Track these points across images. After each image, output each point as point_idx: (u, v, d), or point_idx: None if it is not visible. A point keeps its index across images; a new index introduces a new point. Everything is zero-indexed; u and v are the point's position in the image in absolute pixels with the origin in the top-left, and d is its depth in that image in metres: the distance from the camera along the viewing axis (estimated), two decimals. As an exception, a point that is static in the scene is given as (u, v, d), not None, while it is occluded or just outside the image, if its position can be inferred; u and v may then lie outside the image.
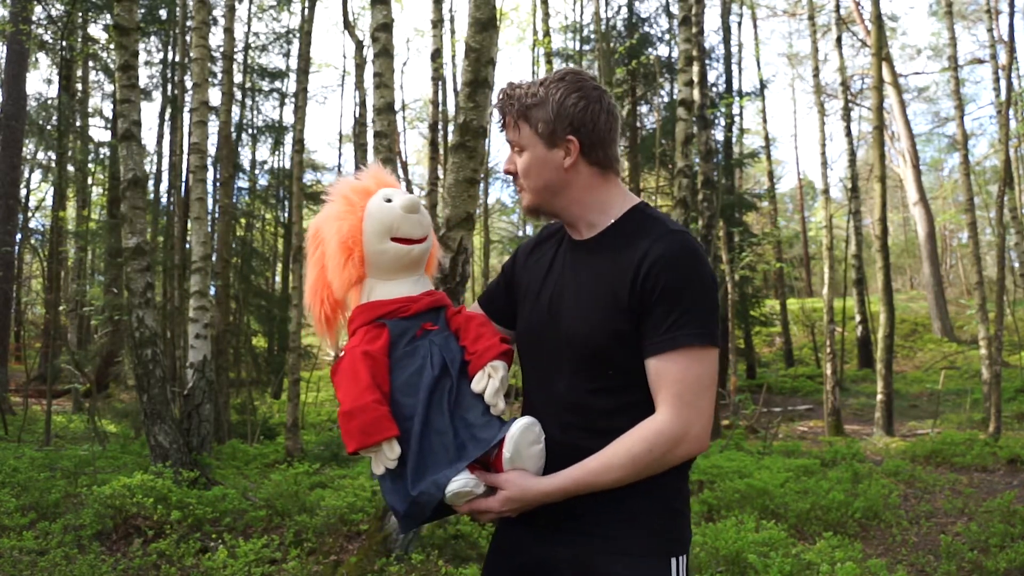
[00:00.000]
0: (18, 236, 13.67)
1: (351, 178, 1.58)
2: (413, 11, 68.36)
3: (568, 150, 1.48)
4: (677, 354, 1.37)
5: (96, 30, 16.35)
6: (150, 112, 35.58)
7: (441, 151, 13.64)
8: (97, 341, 15.37)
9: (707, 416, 1.39)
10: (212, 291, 8.21)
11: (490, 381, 1.44)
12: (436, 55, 11.62)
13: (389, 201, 1.50)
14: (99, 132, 19.72)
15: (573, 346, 1.46)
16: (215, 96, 14.03)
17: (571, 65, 16.20)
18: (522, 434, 1.39)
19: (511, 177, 1.56)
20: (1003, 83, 12.34)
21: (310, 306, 1.56)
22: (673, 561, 1.43)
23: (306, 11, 12.09)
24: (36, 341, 18.86)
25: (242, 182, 17.27)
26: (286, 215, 18.37)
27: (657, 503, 1.44)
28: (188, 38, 12.37)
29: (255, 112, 19.24)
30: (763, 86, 20.14)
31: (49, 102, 17.45)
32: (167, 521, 4.49)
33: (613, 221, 1.52)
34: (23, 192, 17.06)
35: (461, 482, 1.36)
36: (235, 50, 13.06)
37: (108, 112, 19.21)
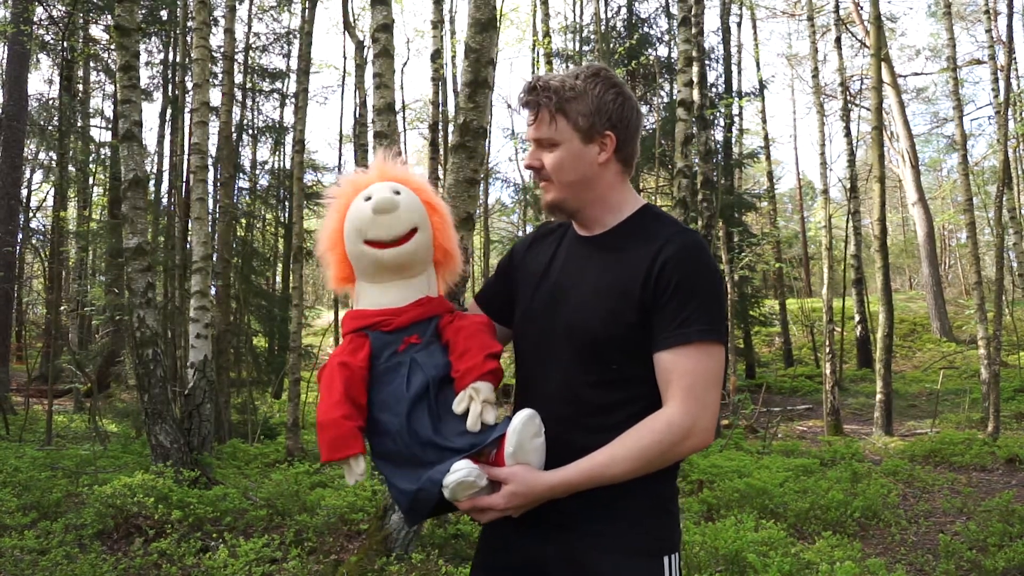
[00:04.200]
0: (19, 236, 13.67)
1: (353, 174, 1.55)
2: (413, 11, 68.38)
3: (604, 145, 1.49)
4: (688, 348, 1.39)
5: (97, 31, 16.38)
6: (151, 112, 35.61)
7: (441, 151, 13.65)
8: (98, 341, 15.38)
9: (714, 411, 1.41)
10: (213, 291, 8.22)
11: (472, 404, 1.40)
12: (436, 56, 11.63)
13: (368, 200, 1.45)
14: (100, 132, 19.74)
15: (577, 337, 1.46)
16: (216, 96, 14.06)
17: (571, 66, 16.23)
18: (524, 426, 1.37)
19: (535, 172, 1.54)
20: (1002, 84, 12.35)
21: (321, 256, 1.57)
22: (666, 559, 1.43)
23: (306, 11, 12.10)
24: (37, 341, 18.88)
25: (243, 182, 17.26)
26: (287, 215, 18.36)
27: (648, 502, 1.45)
28: (189, 39, 12.39)
29: (256, 112, 19.26)
30: (762, 87, 20.14)
31: (50, 102, 17.46)
32: (168, 520, 4.51)
33: (623, 219, 1.54)
34: (24, 192, 17.08)
35: (463, 472, 1.32)
36: (236, 51, 13.07)
37: (109, 112, 19.24)
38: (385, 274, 1.47)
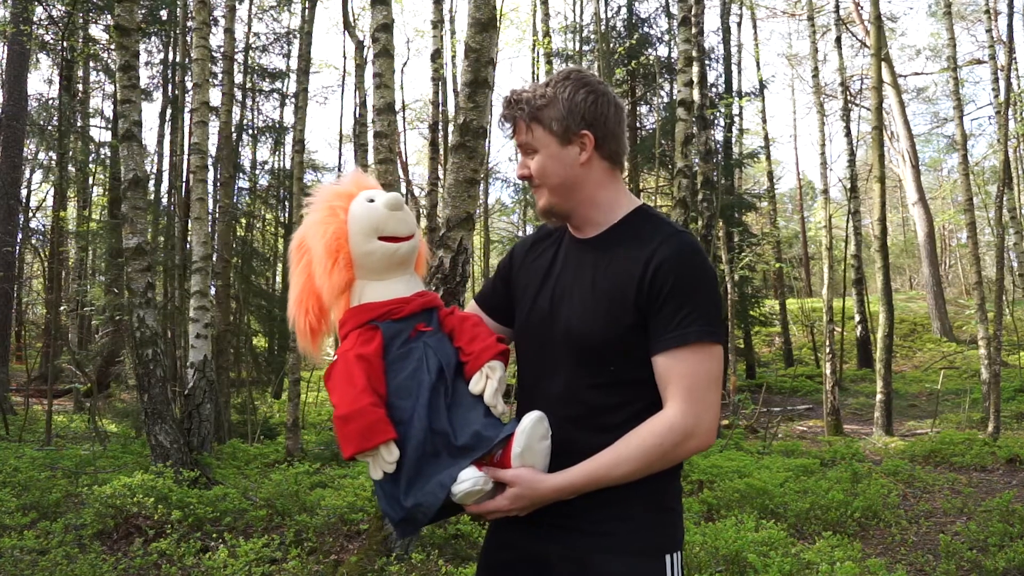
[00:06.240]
0: (19, 236, 13.67)
1: (331, 185, 1.58)
2: (413, 11, 68.40)
3: (583, 145, 1.50)
4: (686, 350, 1.39)
5: (97, 31, 16.35)
6: (151, 112, 35.47)
7: (441, 151, 13.65)
8: (98, 341, 15.37)
9: (715, 411, 1.42)
10: (213, 291, 8.22)
11: (488, 382, 1.44)
12: (436, 55, 11.63)
13: (372, 201, 1.50)
14: (100, 132, 19.74)
15: (577, 341, 1.47)
16: (216, 96, 14.04)
17: (571, 65, 16.23)
18: (533, 428, 1.38)
19: (527, 181, 1.56)
20: (1002, 84, 12.35)
21: (294, 316, 1.54)
22: (667, 558, 1.44)
23: (306, 11, 12.10)
24: (37, 341, 18.88)
25: (243, 182, 17.25)
26: (287, 215, 18.37)
27: (651, 500, 1.45)
28: (189, 38, 12.40)
29: (256, 112, 19.24)
30: (762, 86, 20.14)
31: (50, 102, 17.45)
32: (168, 521, 4.50)
33: (617, 220, 1.54)
34: (24, 192, 17.07)
35: (471, 481, 1.34)
36: (235, 50, 13.06)
37: (109, 112, 19.23)
38: (392, 270, 1.51)
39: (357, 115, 12.90)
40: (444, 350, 1.47)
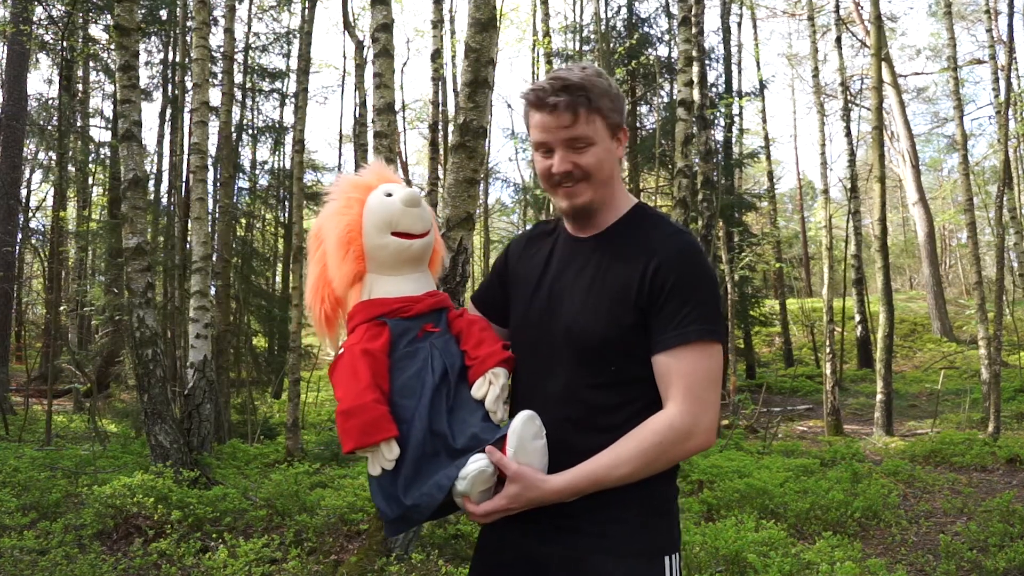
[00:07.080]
0: (19, 236, 13.66)
1: (352, 175, 1.57)
2: (413, 11, 68.37)
3: (620, 140, 1.50)
4: (686, 349, 1.39)
5: (97, 30, 16.35)
6: (151, 112, 35.43)
7: (441, 151, 13.64)
8: (98, 341, 15.37)
9: (715, 410, 1.41)
10: (213, 291, 8.21)
11: (491, 388, 1.43)
12: (436, 55, 11.63)
13: (389, 196, 1.49)
14: (100, 132, 19.74)
15: (576, 340, 1.46)
16: (215, 96, 14.03)
17: (571, 64, 16.20)
18: (524, 427, 1.37)
19: (564, 176, 1.46)
20: (1002, 83, 12.34)
21: (310, 305, 1.54)
22: (666, 559, 1.43)
23: (306, 11, 12.09)
24: (37, 341, 18.86)
25: (242, 182, 17.25)
26: (286, 215, 18.37)
27: (648, 502, 1.44)
28: (188, 38, 12.38)
29: (255, 112, 19.24)
30: (763, 86, 20.12)
31: (50, 102, 17.46)
32: (167, 521, 4.50)
33: (617, 219, 1.53)
34: (24, 192, 17.06)
35: (484, 461, 1.32)
36: (235, 50, 13.06)
37: (109, 112, 19.23)
38: (403, 266, 1.50)
39: (357, 115, 12.88)
40: (450, 352, 1.47)
